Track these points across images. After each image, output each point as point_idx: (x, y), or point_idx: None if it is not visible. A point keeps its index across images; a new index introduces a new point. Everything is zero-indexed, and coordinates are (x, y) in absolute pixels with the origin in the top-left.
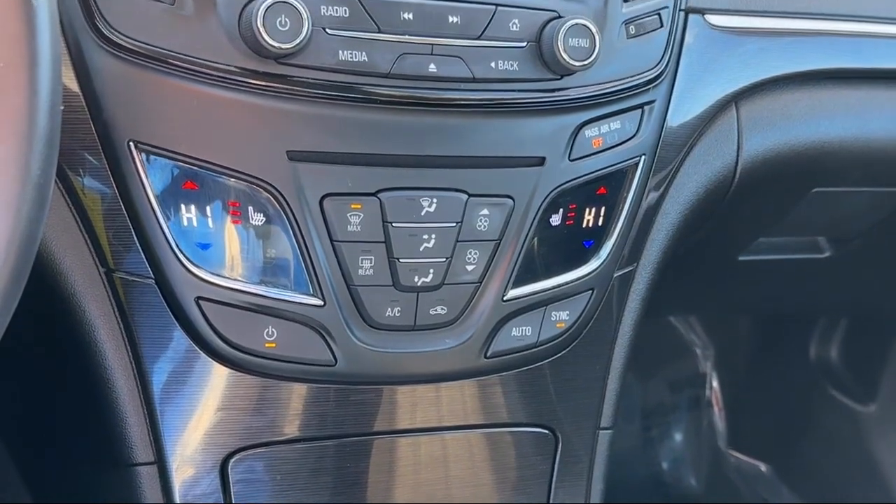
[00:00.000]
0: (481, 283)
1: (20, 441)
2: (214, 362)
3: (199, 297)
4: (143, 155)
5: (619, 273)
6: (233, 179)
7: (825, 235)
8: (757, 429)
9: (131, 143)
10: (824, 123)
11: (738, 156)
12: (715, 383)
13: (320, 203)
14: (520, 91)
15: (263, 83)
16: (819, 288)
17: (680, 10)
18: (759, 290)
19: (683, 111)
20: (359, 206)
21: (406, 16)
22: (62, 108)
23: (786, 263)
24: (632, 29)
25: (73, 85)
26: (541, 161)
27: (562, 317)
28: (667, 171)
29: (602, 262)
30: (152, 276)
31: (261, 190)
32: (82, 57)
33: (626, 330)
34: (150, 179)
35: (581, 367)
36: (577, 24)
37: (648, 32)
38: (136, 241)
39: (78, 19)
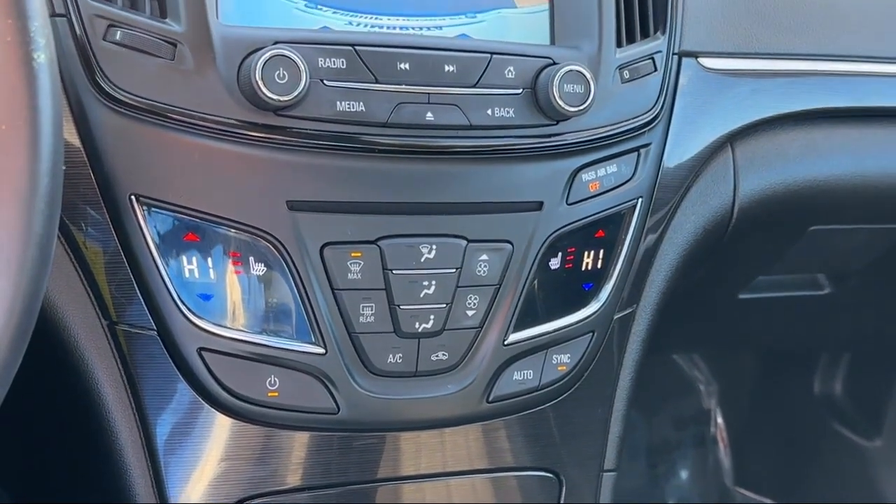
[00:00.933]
0: (482, 327)
1: (23, 492)
2: (217, 413)
3: (201, 348)
4: (145, 208)
5: (619, 315)
6: (233, 230)
7: (824, 272)
8: (763, 465)
9: (133, 197)
10: (820, 162)
11: (734, 196)
12: (720, 420)
13: (320, 252)
14: (516, 137)
15: (263, 135)
16: (820, 324)
17: (673, 53)
18: (761, 327)
19: (679, 153)
20: (359, 255)
21: (403, 66)
22: (64, 168)
23: (786, 301)
24: (626, 74)
25: (75, 140)
26: (538, 206)
27: (563, 360)
28: (664, 212)
29: (602, 305)
30: (155, 327)
31: (261, 240)
32: (83, 112)
33: (628, 371)
34: (152, 232)
35: (583, 410)
36: (571, 70)
37: (643, 77)
38: (139, 294)
39: (79, 75)
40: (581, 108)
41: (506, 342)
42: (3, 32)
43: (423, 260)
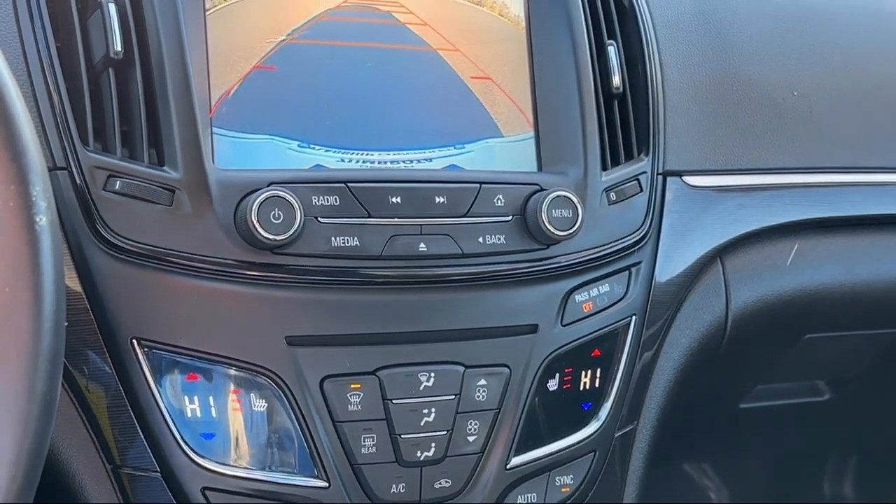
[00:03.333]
0: (483, 452)
1: None
2: None
3: (205, 488)
4: (146, 351)
5: (620, 433)
6: (234, 369)
7: (823, 378)
8: None
9: (134, 341)
10: (809, 272)
11: (727, 308)
12: None
13: (320, 385)
14: (508, 263)
15: (260, 274)
16: (823, 429)
17: (658, 174)
18: (765, 435)
19: (670, 269)
20: (358, 386)
21: (394, 200)
22: (66, 324)
23: (787, 408)
24: (612, 195)
25: (76, 286)
26: (534, 328)
27: (566, 481)
28: (658, 328)
29: (602, 424)
30: (158, 469)
31: (262, 377)
32: (84, 260)
33: (632, 488)
34: (153, 374)
35: None
36: (559, 195)
37: (629, 198)
38: (142, 436)
39: (80, 224)
40: (570, 231)
41: (508, 466)
42: (5, 198)
43: (422, 388)
